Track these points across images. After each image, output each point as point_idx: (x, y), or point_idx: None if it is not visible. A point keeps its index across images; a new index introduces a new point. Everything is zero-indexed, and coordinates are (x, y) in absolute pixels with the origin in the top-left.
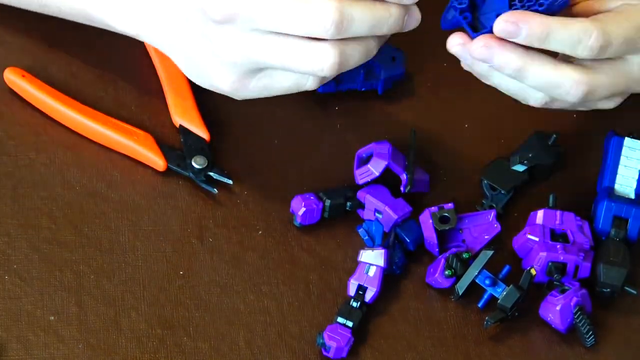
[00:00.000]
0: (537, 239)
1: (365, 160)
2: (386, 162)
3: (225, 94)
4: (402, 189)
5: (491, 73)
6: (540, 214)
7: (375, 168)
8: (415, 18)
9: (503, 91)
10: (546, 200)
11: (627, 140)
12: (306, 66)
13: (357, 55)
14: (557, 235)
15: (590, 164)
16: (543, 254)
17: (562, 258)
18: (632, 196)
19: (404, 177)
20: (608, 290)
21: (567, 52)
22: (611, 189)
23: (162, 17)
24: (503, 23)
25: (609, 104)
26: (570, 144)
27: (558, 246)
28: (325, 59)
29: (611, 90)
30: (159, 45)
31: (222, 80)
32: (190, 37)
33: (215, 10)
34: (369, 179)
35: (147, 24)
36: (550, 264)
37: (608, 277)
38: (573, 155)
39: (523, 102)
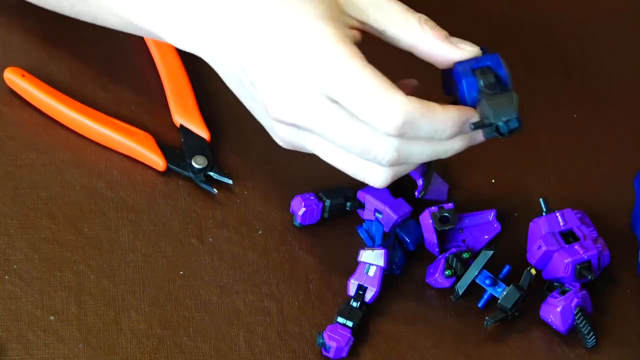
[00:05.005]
0: (555, 249)
1: None
2: None
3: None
4: (416, 194)
5: None
6: (542, 222)
7: None
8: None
9: None
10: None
11: None
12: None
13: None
14: (564, 235)
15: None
16: (569, 260)
17: (586, 257)
18: None
19: (420, 182)
20: None
21: None
22: None
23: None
24: None
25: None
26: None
27: (576, 247)
28: (377, 177)
29: None
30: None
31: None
32: (240, 89)
33: (278, 115)
34: None
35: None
36: (577, 266)
37: None
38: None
39: None
